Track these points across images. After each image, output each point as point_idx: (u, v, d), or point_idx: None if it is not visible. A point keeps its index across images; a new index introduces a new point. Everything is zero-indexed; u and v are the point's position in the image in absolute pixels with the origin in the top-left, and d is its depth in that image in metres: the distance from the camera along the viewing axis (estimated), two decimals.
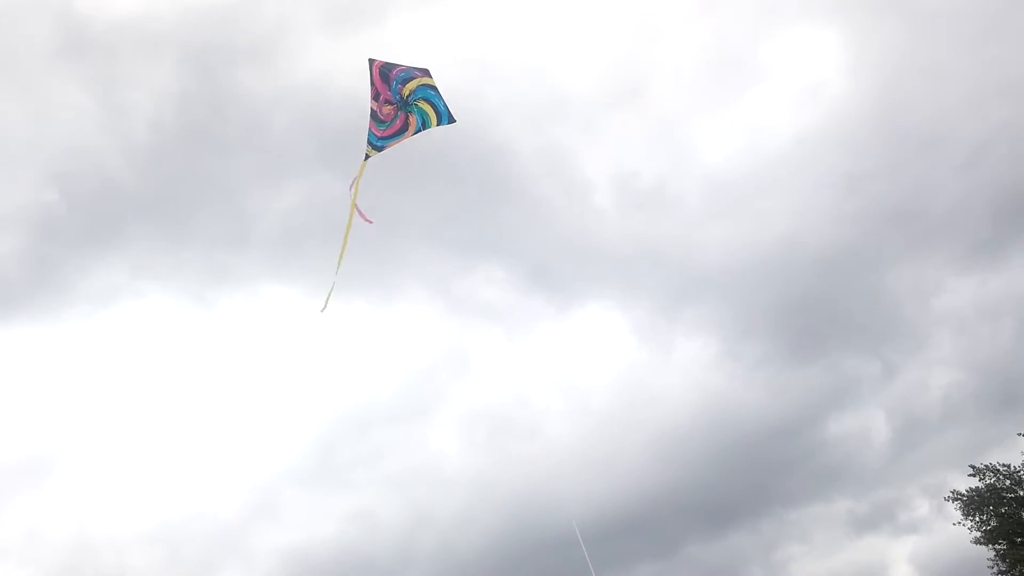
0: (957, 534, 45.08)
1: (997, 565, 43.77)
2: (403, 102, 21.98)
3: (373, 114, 22.45)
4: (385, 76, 22.15)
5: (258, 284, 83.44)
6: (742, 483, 63.90)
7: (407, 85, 21.91)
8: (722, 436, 65.20)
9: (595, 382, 75.80)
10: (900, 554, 62.56)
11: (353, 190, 22.51)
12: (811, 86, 75.69)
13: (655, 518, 62.63)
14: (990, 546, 44.16)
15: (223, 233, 79.93)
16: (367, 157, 22.56)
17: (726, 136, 78.79)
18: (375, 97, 22.34)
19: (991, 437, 58.81)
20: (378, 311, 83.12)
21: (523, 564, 59.39)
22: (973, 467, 45.25)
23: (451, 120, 22.14)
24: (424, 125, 22.11)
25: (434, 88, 21.87)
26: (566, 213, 78.36)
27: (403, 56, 22.08)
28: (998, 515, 44.19)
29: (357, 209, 22.31)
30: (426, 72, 22.01)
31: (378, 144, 22.53)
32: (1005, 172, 68.45)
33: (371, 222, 22.37)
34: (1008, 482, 44.18)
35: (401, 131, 22.32)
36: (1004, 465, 44.69)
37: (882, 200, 72.31)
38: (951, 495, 45.55)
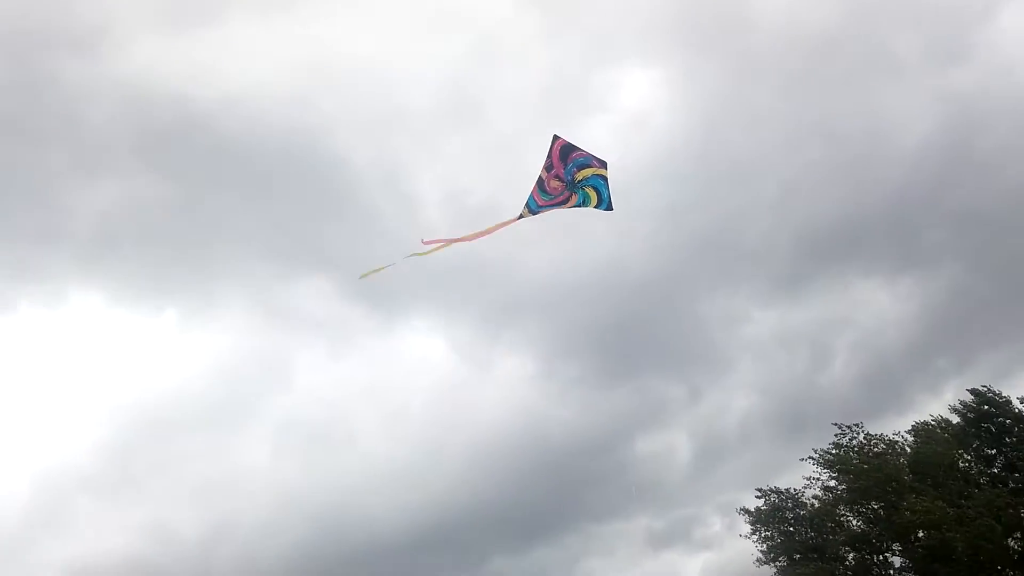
0: (745, 551, 47.91)
1: None
2: (572, 184, 22.79)
3: (540, 182, 23.06)
4: (564, 155, 22.78)
5: (64, 283, 79.23)
6: (550, 498, 65.43)
7: (582, 171, 22.72)
8: (534, 453, 66.65)
9: (414, 396, 75.96)
10: (693, 569, 65.48)
11: (491, 229, 23.32)
12: (638, 118, 78.72)
13: (463, 531, 63.31)
14: (773, 564, 46.97)
15: (29, 228, 75.37)
16: (520, 216, 23.26)
17: None
18: (547, 168, 22.92)
19: (782, 460, 62.65)
20: (192, 317, 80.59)
21: None
22: (759, 490, 48.44)
23: (610, 208, 23.03)
24: (584, 204, 22.97)
25: (605, 179, 22.76)
26: (396, 226, 78.24)
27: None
28: (782, 533, 47.15)
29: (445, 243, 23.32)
30: (604, 164, 22.80)
31: (535, 209, 23.26)
32: (809, 212, 73.24)
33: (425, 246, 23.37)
34: (790, 503, 47.33)
35: (560, 203, 23.12)
36: (786, 488, 47.97)
37: (698, 232, 75.79)
38: (741, 510, 48.59)
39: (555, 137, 22.92)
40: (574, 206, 23.04)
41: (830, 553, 45.94)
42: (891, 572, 45.94)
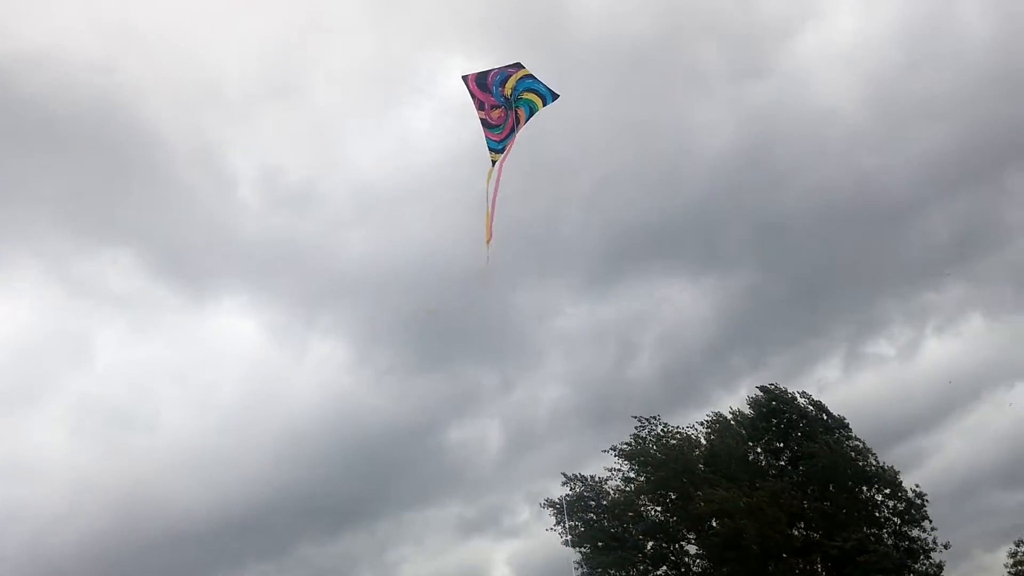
0: (550, 538, 48.92)
1: (581, 568, 47.80)
2: (507, 101, 22.64)
3: (484, 123, 23.00)
4: (483, 85, 22.81)
5: None
6: (361, 485, 65.06)
7: (506, 85, 22.64)
8: (346, 439, 66.04)
9: (222, 378, 73.60)
10: (500, 556, 66.59)
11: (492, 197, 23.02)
12: (461, 106, 78.71)
13: (270, 518, 62.02)
14: (576, 549, 48.23)
15: None
16: (494, 163, 23.01)
17: (378, 143, 79.77)
18: (480, 107, 22.91)
19: (588, 449, 64.41)
20: None
21: (125, 566, 56.39)
22: (565, 476, 49.57)
23: (555, 97, 22.86)
24: (532, 111, 22.77)
25: (531, 76, 22.65)
26: (208, 203, 75.45)
27: None
28: (584, 522, 48.47)
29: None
30: (519, 66, 22.70)
31: (498, 147, 23.01)
32: (620, 212, 75.65)
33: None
34: (593, 493, 48.74)
35: (514, 127, 22.85)
36: (591, 476, 49.37)
37: (514, 225, 76.29)
38: (544, 502, 49.46)
39: (464, 78, 23.09)
40: (527, 119, 22.96)
41: (630, 542, 47.62)
42: (686, 560, 48.27)
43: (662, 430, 49.60)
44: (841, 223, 75.88)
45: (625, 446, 49.14)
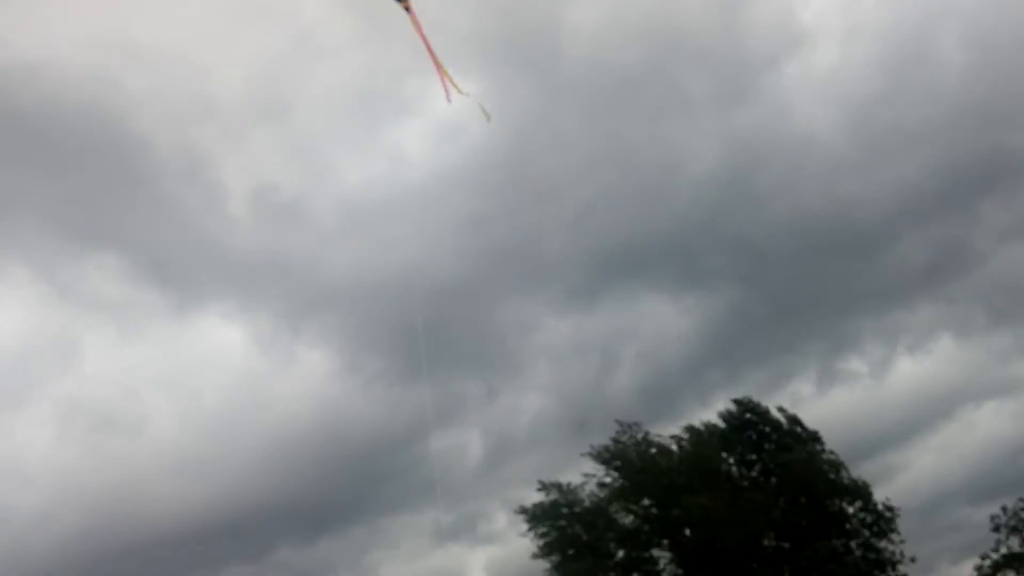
0: (526, 546, 48.97)
1: None
2: None
3: None
4: None
5: None
6: (341, 492, 65.40)
7: None
8: (329, 446, 66.40)
9: (209, 384, 73.95)
10: (477, 563, 67.01)
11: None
12: (452, 127, 79.91)
13: (250, 523, 62.35)
14: (547, 559, 48.49)
15: None
16: None
17: (366, 162, 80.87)
18: None
19: (567, 459, 65.10)
20: None
21: (103, 568, 56.81)
22: (541, 483, 49.34)
23: None
24: None
25: None
26: (197, 215, 76.39)
27: None
28: (556, 528, 48.68)
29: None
30: None
31: None
32: (604, 231, 76.92)
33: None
34: (567, 499, 49.04)
35: None
36: (567, 483, 49.70)
37: (500, 242, 77.71)
38: (519, 509, 49.49)
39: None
40: None
41: (602, 550, 47.78)
42: (656, 569, 48.60)
43: (642, 438, 49.94)
44: (818, 246, 77.51)
45: (604, 449, 49.35)
